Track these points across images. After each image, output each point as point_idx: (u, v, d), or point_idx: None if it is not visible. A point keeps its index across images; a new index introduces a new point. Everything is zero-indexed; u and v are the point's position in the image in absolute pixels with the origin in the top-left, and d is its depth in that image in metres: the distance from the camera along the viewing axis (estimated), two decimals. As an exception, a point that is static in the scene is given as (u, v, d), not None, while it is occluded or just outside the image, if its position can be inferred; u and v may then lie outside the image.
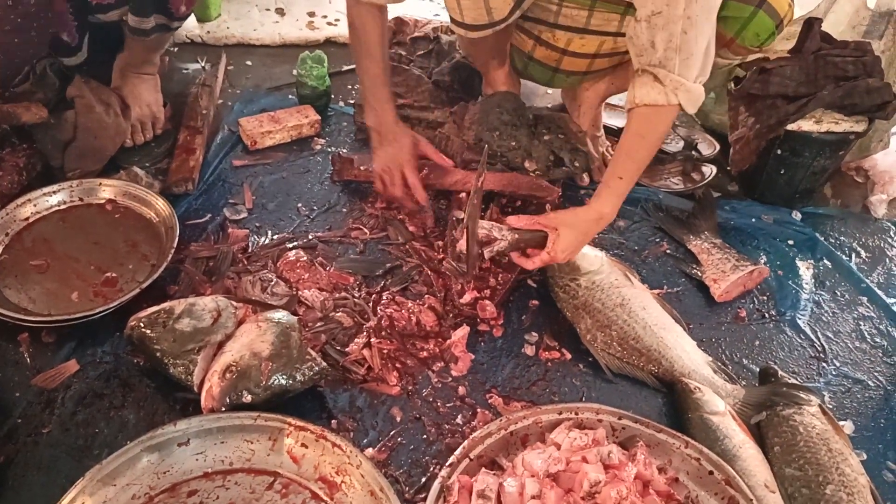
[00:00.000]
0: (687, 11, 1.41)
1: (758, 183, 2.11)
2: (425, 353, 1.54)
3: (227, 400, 1.30)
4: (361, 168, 1.93)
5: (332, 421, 1.39)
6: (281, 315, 1.44)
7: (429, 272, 1.71)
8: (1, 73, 1.82)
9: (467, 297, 1.61)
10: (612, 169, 1.57)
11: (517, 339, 1.61)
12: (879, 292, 1.83)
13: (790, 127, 1.93)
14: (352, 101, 2.33)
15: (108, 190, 1.80)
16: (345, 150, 2.13)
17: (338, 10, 2.90)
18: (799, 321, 1.73)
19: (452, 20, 1.68)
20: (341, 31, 2.76)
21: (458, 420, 1.42)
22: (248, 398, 1.31)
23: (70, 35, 1.79)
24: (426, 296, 1.65)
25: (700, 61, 1.49)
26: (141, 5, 1.75)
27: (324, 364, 1.39)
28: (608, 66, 1.89)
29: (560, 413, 1.34)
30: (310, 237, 1.79)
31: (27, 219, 1.73)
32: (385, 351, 1.52)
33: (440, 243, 1.78)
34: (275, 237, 1.79)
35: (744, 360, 1.62)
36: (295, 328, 1.41)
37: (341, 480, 1.24)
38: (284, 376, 1.34)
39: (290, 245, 1.76)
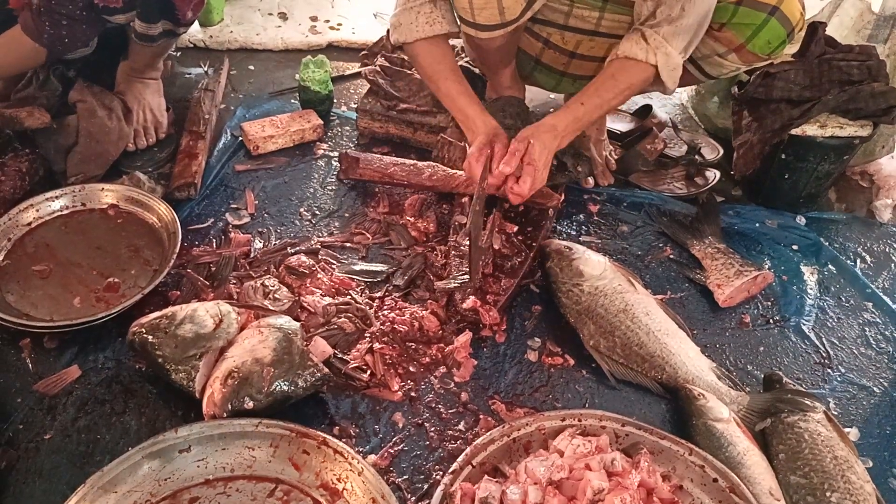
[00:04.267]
0: None
1: (762, 187, 2.10)
2: (427, 359, 1.54)
3: (229, 406, 1.29)
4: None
5: (335, 427, 1.38)
6: (283, 321, 1.44)
7: (431, 277, 1.70)
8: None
9: (469, 303, 1.61)
10: (578, 95, 1.67)
11: (520, 345, 1.60)
12: (885, 297, 1.82)
13: (794, 131, 1.93)
14: (354, 106, 2.33)
15: (110, 195, 1.80)
16: (353, 150, 2.13)
17: (340, 15, 2.90)
18: (804, 327, 1.72)
19: (463, 20, 1.67)
20: (343, 35, 2.76)
21: (461, 426, 1.42)
22: (249, 404, 1.30)
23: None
24: (428, 301, 1.64)
25: (687, 39, 1.61)
26: (149, 11, 1.76)
27: (326, 370, 1.38)
28: None
29: (563, 420, 1.33)
30: (312, 242, 1.79)
31: (29, 224, 1.72)
32: (387, 356, 1.52)
33: (442, 248, 1.78)
34: (277, 242, 1.79)
35: (748, 366, 1.61)
36: (297, 334, 1.41)
37: (343, 487, 1.23)
38: (286, 382, 1.33)
39: (293, 250, 1.75)
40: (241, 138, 2.14)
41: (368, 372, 1.48)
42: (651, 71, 1.63)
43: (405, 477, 1.32)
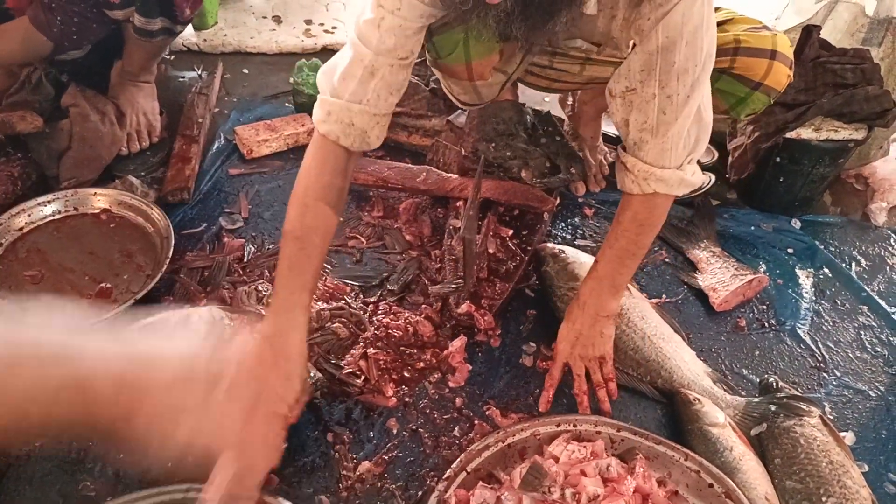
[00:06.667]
0: (666, 90, 1.25)
1: (757, 191, 2.10)
2: (422, 364, 1.53)
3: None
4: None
5: (328, 433, 1.37)
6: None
7: (426, 282, 1.70)
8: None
9: (464, 307, 1.60)
10: (599, 252, 1.48)
11: (515, 350, 1.59)
12: (880, 301, 1.82)
13: (789, 135, 1.93)
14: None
15: (102, 199, 1.79)
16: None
17: (334, 18, 2.90)
18: (799, 331, 1.72)
19: (448, 93, 1.72)
20: (338, 38, 2.76)
21: (456, 432, 1.41)
22: (242, 411, 1.29)
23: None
24: (423, 305, 1.64)
25: (683, 144, 1.32)
26: (148, 6, 1.76)
27: (319, 375, 1.38)
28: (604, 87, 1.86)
29: (558, 425, 1.33)
30: (306, 247, 1.78)
31: (21, 229, 1.72)
32: (381, 362, 1.51)
33: (437, 252, 1.77)
34: (271, 247, 1.78)
35: (744, 370, 1.61)
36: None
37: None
38: (279, 388, 1.32)
39: (287, 255, 1.74)
40: (234, 142, 2.14)
41: (362, 377, 1.47)
42: (657, 197, 1.37)
43: (400, 483, 1.31)
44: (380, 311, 1.62)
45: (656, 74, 1.25)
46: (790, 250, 1.97)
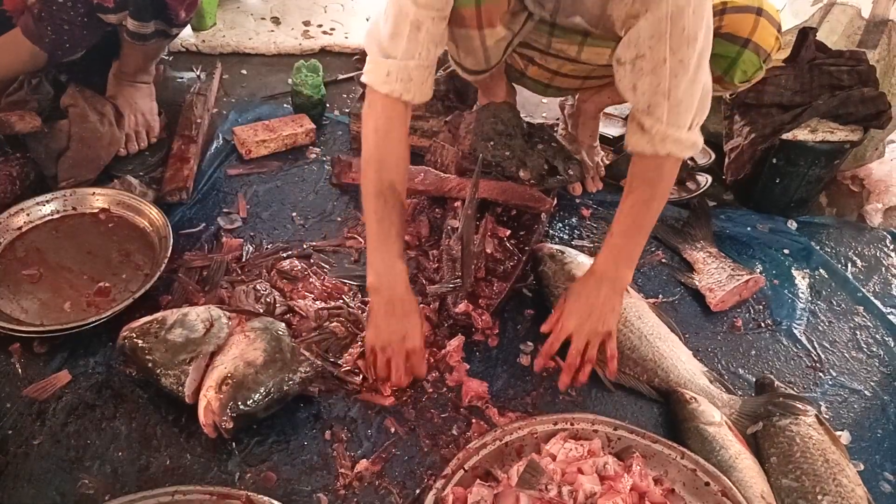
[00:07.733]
0: (678, 55, 1.31)
1: (753, 192, 2.11)
2: (420, 363, 1.54)
3: (228, 411, 1.29)
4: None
5: (326, 431, 1.38)
6: (267, 322, 1.45)
7: (423, 281, 1.70)
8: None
9: (462, 307, 1.60)
10: (611, 226, 1.50)
11: (512, 349, 1.60)
12: (876, 301, 1.83)
13: (785, 136, 1.94)
14: (347, 110, 2.33)
15: (101, 199, 1.79)
16: (345, 153, 2.13)
17: (332, 20, 2.90)
18: (795, 331, 1.72)
19: (452, 59, 1.73)
20: (336, 40, 2.76)
21: (453, 431, 1.41)
22: (248, 407, 1.30)
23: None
24: (421, 305, 1.64)
25: (694, 106, 1.38)
26: (141, 10, 1.75)
27: (318, 362, 1.39)
28: (603, 82, 1.87)
29: (555, 423, 1.33)
30: (304, 246, 1.79)
31: (20, 228, 1.72)
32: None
33: (435, 252, 1.77)
34: (269, 246, 1.78)
35: (740, 369, 1.62)
36: (283, 331, 1.42)
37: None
38: (282, 379, 1.34)
39: (285, 254, 1.75)
40: (233, 142, 2.14)
41: (360, 376, 1.48)
42: (668, 160, 1.42)
43: (397, 481, 1.31)
44: (378, 311, 1.62)
45: (667, 40, 1.30)
46: (786, 251, 1.98)
